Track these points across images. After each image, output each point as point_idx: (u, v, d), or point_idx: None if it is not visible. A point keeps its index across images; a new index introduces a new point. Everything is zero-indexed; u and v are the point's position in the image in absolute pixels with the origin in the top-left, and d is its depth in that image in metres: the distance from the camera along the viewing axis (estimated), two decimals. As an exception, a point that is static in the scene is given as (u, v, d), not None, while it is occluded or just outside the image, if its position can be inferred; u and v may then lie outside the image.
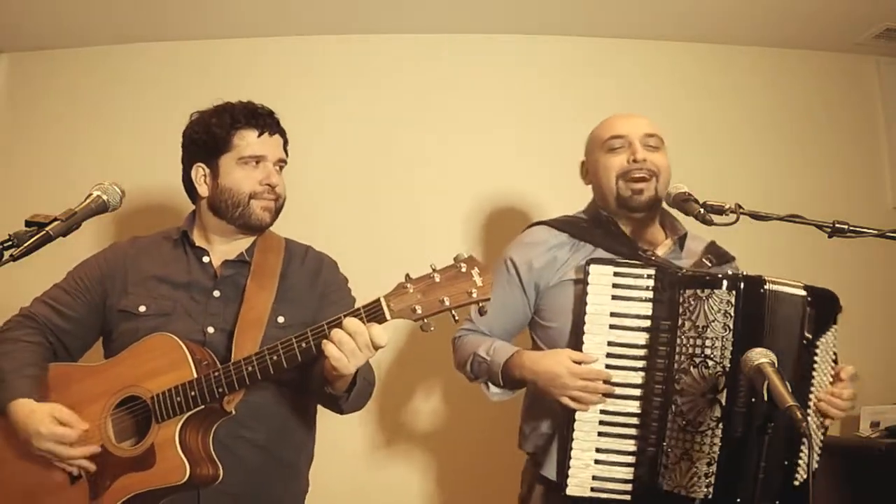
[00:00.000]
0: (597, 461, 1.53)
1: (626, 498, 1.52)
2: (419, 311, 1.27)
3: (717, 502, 1.45)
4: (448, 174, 2.72)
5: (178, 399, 1.40)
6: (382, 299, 1.30)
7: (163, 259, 1.65)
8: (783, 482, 1.49)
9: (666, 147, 1.75)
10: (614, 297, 1.55)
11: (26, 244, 1.23)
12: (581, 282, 1.58)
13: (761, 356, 1.27)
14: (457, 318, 1.29)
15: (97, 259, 1.67)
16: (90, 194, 1.39)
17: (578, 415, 1.55)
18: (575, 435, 1.54)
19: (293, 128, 1.72)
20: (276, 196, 1.64)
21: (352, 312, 1.32)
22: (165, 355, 1.45)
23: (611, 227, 1.73)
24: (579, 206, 1.84)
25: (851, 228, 1.50)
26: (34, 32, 2.70)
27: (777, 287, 1.50)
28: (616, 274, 1.55)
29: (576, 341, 1.57)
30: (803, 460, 1.50)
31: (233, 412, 1.46)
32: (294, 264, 1.68)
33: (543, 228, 1.78)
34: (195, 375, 1.41)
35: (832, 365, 1.56)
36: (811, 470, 1.29)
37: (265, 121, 1.63)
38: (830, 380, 1.55)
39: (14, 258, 1.22)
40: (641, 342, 1.54)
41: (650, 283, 1.54)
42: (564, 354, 1.56)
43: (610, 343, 1.55)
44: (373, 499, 2.56)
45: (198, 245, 1.65)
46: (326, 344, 1.30)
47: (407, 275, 1.30)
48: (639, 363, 1.54)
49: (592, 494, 1.53)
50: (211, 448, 1.45)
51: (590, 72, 2.81)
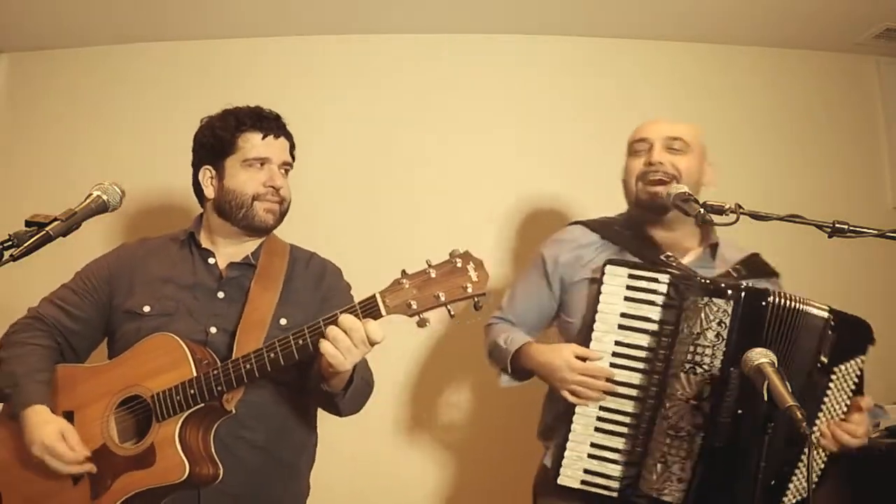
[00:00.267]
0: (590, 455, 1.56)
1: (614, 495, 1.54)
2: (414, 307, 1.27)
3: None
4: (448, 174, 2.72)
5: (178, 398, 1.41)
6: (378, 295, 1.30)
7: (170, 260, 1.66)
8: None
9: (699, 149, 1.73)
10: (626, 299, 1.57)
11: (26, 244, 1.23)
12: (597, 281, 1.60)
13: (761, 356, 1.27)
14: (453, 314, 1.29)
15: (106, 259, 1.68)
16: (90, 194, 1.39)
17: (579, 409, 1.58)
18: (573, 427, 1.58)
19: (293, 128, 1.73)
20: (281, 198, 1.65)
21: (347, 309, 1.32)
22: (167, 355, 1.46)
23: (638, 231, 1.73)
24: (579, 206, 1.84)
25: (851, 228, 1.49)
26: (34, 32, 2.70)
27: (787, 303, 1.48)
28: (631, 276, 1.57)
29: (585, 337, 1.60)
30: (796, 482, 1.49)
31: (233, 411, 1.47)
32: (298, 268, 1.69)
33: (578, 227, 1.82)
34: (195, 374, 1.41)
35: (849, 395, 1.53)
36: (811, 488, 1.29)
37: (270, 124, 1.65)
38: (845, 409, 1.52)
39: (14, 258, 1.22)
40: (646, 345, 1.55)
41: (663, 289, 1.55)
42: (568, 349, 1.59)
43: (617, 343, 1.57)
44: (373, 502, 2.55)
45: (204, 247, 1.66)
46: (322, 341, 1.31)
47: (403, 271, 1.30)
48: (641, 365, 1.55)
49: (582, 487, 1.55)
50: (212, 447, 1.46)
51: (590, 72, 2.81)
